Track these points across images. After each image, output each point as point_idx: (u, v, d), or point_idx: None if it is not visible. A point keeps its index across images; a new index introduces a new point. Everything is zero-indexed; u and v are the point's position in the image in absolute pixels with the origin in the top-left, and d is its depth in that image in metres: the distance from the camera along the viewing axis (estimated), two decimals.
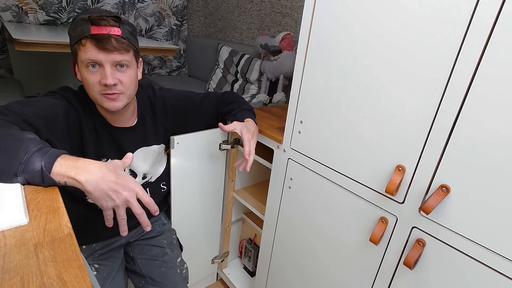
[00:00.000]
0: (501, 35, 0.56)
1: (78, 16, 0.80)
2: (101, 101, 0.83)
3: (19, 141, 0.60)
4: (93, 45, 0.77)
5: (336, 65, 0.85)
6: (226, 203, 1.42)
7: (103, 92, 0.81)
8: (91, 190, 0.61)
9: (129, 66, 0.84)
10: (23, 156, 0.58)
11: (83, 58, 0.78)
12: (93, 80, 0.80)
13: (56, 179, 0.59)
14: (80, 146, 0.87)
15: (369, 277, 0.86)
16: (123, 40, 0.80)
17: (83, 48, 0.77)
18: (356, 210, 0.87)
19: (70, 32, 0.81)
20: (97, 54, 0.77)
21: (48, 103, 0.80)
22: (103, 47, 0.77)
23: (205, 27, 2.86)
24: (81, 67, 0.80)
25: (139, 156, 1.01)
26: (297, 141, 1.01)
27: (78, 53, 0.79)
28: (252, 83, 2.05)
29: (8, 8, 1.99)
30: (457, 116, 0.63)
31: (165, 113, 1.06)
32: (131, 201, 0.64)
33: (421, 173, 0.71)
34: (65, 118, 0.82)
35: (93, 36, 0.76)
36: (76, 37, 0.78)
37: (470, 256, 0.65)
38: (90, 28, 0.76)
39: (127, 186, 0.63)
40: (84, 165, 0.62)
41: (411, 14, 0.67)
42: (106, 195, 0.62)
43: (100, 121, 0.91)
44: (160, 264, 1.06)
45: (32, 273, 0.42)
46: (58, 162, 0.60)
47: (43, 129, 0.73)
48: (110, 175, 0.62)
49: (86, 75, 0.80)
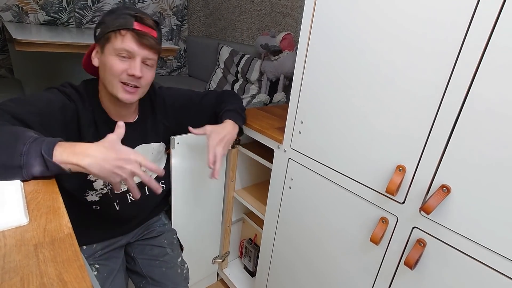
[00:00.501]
0: (501, 38, 0.56)
1: (120, 10, 0.86)
2: (118, 90, 0.86)
3: (14, 135, 0.61)
4: (133, 38, 0.83)
5: (336, 65, 0.84)
6: (226, 203, 1.42)
7: (125, 81, 0.85)
8: (97, 172, 0.64)
9: (152, 66, 0.90)
10: (22, 148, 0.59)
11: (118, 46, 0.82)
12: (120, 67, 0.84)
13: (61, 166, 0.61)
14: (77, 141, 0.87)
15: (370, 277, 0.86)
16: (157, 42, 0.88)
17: (121, 38, 0.82)
18: (357, 210, 0.86)
19: (108, 20, 0.84)
20: (134, 47, 0.83)
21: (44, 98, 0.81)
22: (141, 42, 0.83)
23: (205, 27, 2.86)
24: (109, 54, 0.84)
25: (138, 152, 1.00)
26: (298, 141, 1.01)
27: (112, 40, 0.83)
28: (253, 83, 2.05)
29: (9, 8, 1.99)
30: (457, 116, 0.63)
31: (165, 111, 1.07)
32: (136, 171, 0.68)
33: (422, 173, 0.71)
34: (62, 113, 0.82)
35: (134, 30, 0.83)
36: (116, 26, 0.82)
37: (471, 256, 0.65)
38: (133, 23, 0.83)
39: (129, 159, 0.67)
40: (83, 149, 0.64)
41: (411, 14, 0.67)
42: (112, 172, 0.65)
43: (101, 115, 0.91)
44: (161, 264, 1.06)
45: (32, 273, 0.42)
46: (57, 151, 0.62)
47: (37, 127, 0.74)
48: (110, 153, 0.65)
49: (113, 61, 0.83)
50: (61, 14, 2.17)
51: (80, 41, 1.63)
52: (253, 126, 1.18)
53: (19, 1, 2.01)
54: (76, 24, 2.27)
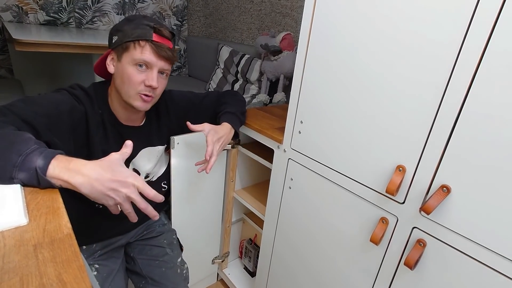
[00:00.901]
0: (501, 38, 0.56)
1: (138, 19, 0.87)
2: (134, 99, 0.88)
3: (11, 143, 0.59)
4: (151, 49, 0.85)
5: (336, 65, 0.84)
6: (226, 203, 1.42)
7: (142, 92, 0.88)
8: (87, 193, 0.60)
9: (167, 76, 0.94)
10: (17, 159, 0.56)
11: (136, 56, 0.84)
12: (138, 78, 0.86)
13: (52, 181, 0.58)
14: (85, 143, 0.87)
15: (370, 277, 0.86)
16: (173, 53, 0.90)
17: (139, 48, 0.84)
18: (357, 210, 0.86)
19: (126, 29, 0.85)
20: (152, 58, 0.85)
21: (53, 99, 0.80)
22: (159, 54, 0.86)
23: (205, 27, 2.86)
24: (126, 63, 0.85)
25: (143, 155, 1.01)
26: (298, 141, 1.01)
27: (131, 50, 0.85)
28: (253, 83, 2.05)
29: (9, 8, 1.99)
30: (457, 116, 0.63)
31: (168, 114, 1.08)
32: (132, 196, 0.63)
33: (422, 173, 0.70)
34: (70, 115, 0.81)
35: (153, 41, 0.85)
36: (135, 37, 0.84)
37: (471, 256, 0.65)
38: (152, 34, 0.85)
39: (125, 182, 0.62)
40: (77, 167, 0.60)
41: (411, 14, 0.67)
42: (105, 195, 0.61)
43: (110, 118, 0.92)
44: (161, 264, 1.06)
45: (31, 274, 0.42)
46: (52, 165, 0.58)
47: (44, 129, 0.73)
48: (104, 174, 0.61)
49: (131, 72, 0.85)
50: (61, 14, 2.17)
51: (80, 41, 1.63)
52: (253, 126, 1.18)
53: (19, 1, 2.00)
54: (76, 24, 2.27)
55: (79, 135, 0.85)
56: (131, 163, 0.99)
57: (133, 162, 0.99)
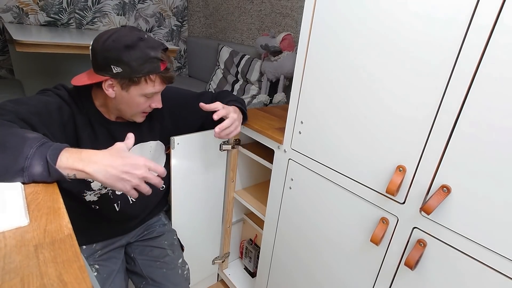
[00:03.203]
0: (502, 36, 0.56)
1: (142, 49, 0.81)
2: (137, 117, 0.93)
3: (23, 138, 0.61)
4: (161, 81, 0.88)
5: (336, 65, 0.84)
6: (226, 203, 1.42)
7: (146, 111, 0.93)
8: (103, 179, 0.63)
9: None
10: (29, 151, 0.59)
11: (148, 91, 0.86)
12: (146, 104, 0.90)
13: (64, 172, 0.61)
14: (75, 142, 0.88)
15: (370, 277, 0.86)
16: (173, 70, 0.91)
17: (151, 83, 0.86)
18: (357, 211, 0.86)
19: (134, 64, 0.81)
20: (162, 88, 0.89)
21: (41, 99, 0.81)
22: (168, 82, 0.90)
23: (205, 27, 2.86)
24: (136, 95, 0.86)
25: (135, 151, 1.01)
26: (298, 141, 1.01)
27: (142, 85, 0.85)
28: (253, 83, 2.05)
29: (9, 9, 1.99)
30: (457, 116, 0.63)
31: (160, 110, 1.05)
32: (146, 175, 0.67)
33: (422, 173, 0.70)
34: (59, 114, 0.82)
35: (161, 72, 0.86)
36: (146, 72, 0.83)
37: (471, 256, 0.65)
38: (160, 66, 0.85)
39: (137, 164, 0.66)
40: (89, 156, 0.64)
41: (412, 13, 0.67)
42: (120, 178, 0.64)
43: (96, 117, 0.92)
44: (161, 265, 1.06)
45: (32, 274, 0.42)
46: (64, 156, 0.61)
47: (39, 126, 0.74)
48: (115, 160, 0.65)
49: (141, 101, 0.88)
50: (61, 15, 2.17)
51: (80, 42, 1.63)
52: (253, 127, 1.18)
53: (20, 2, 2.01)
54: (76, 25, 2.28)
55: (68, 134, 0.85)
56: None
57: None
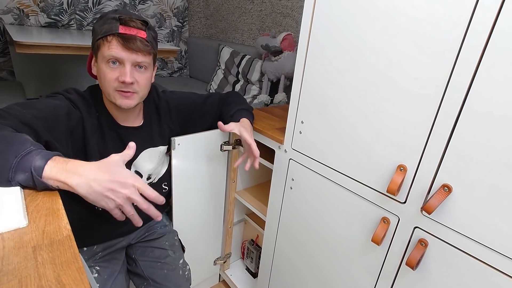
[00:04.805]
0: (501, 38, 0.55)
1: (107, 14, 0.82)
2: (115, 97, 0.85)
3: (9, 144, 0.58)
4: (118, 43, 0.80)
5: (336, 65, 0.84)
6: (227, 204, 1.42)
7: (119, 88, 0.84)
8: (85, 194, 0.58)
9: (147, 68, 0.87)
10: (13, 160, 0.56)
11: (105, 53, 0.80)
12: (111, 76, 0.82)
13: (49, 183, 0.57)
14: (82, 148, 0.87)
15: (372, 278, 0.85)
16: (146, 43, 0.83)
17: (107, 44, 0.80)
18: (358, 210, 0.86)
19: (97, 27, 0.83)
20: (121, 52, 0.80)
21: (50, 103, 0.80)
22: (127, 47, 0.80)
23: (206, 28, 2.87)
24: (100, 62, 0.82)
25: (145, 156, 1.01)
26: (298, 141, 1.01)
27: (101, 48, 0.81)
28: (253, 83, 2.05)
29: (10, 10, 2.00)
30: (458, 114, 0.62)
31: (169, 115, 1.07)
32: (133, 197, 0.61)
33: (423, 173, 0.70)
34: (67, 119, 0.81)
35: (120, 34, 0.79)
36: (102, 33, 0.80)
37: (473, 256, 0.64)
38: (118, 27, 0.79)
39: (125, 182, 0.60)
40: (75, 167, 0.59)
41: (411, 13, 0.67)
42: (103, 196, 0.59)
43: (107, 120, 0.91)
44: (163, 266, 1.06)
45: (30, 276, 0.42)
46: (49, 166, 0.57)
47: (43, 131, 0.73)
48: (102, 175, 0.59)
49: (105, 70, 0.82)
50: (62, 16, 2.18)
51: (81, 43, 1.63)
52: (254, 127, 1.18)
53: (20, 3, 2.01)
54: (77, 26, 2.28)
55: (76, 139, 0.85)
56: (132, 165, 0.99)
57: (135, 164, 0.99)
